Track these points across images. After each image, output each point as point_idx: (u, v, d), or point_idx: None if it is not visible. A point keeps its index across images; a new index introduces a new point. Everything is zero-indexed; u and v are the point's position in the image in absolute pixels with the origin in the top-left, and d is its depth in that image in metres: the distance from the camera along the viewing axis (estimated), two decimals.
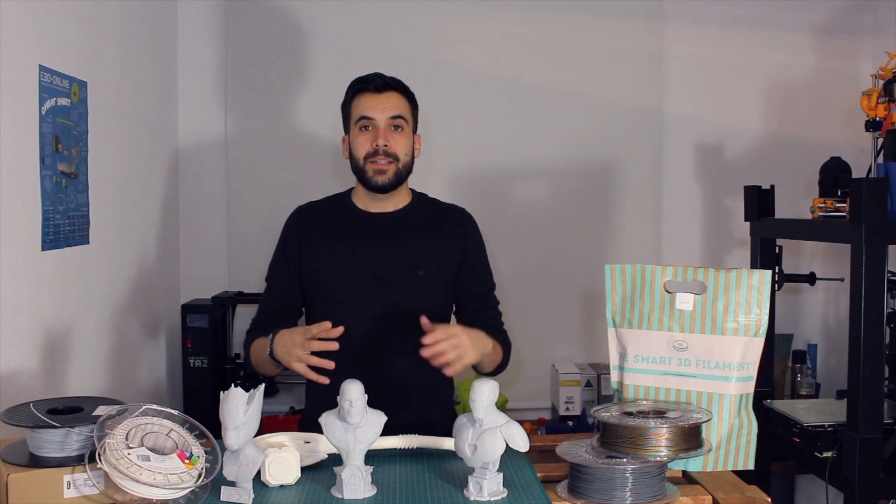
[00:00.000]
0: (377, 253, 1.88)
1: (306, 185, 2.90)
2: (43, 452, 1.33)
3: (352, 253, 1.88)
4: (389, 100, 1.87)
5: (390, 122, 1.86)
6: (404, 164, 1.89)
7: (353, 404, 1.34)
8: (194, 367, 2.73)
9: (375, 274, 1.86)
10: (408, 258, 1.88)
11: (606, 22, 3.10)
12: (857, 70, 3.16)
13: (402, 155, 1.87)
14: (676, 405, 1.48)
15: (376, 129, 1.86)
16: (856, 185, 1.98)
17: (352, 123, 1.90)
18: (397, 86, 1.90)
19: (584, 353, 3.15)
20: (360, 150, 1.87)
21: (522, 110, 3.08)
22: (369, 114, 1.86)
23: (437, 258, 1.90)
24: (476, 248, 1.97)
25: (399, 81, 1.92)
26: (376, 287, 1.85)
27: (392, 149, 1.86)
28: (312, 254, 1.90)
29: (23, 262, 1.78)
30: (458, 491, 1.37)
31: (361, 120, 1.87)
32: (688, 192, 3.20)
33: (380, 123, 1.86)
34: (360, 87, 1.90)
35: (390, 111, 1.86)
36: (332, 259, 1.88)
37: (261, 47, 3.00)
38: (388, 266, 1.87)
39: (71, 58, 2.02)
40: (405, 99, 1.91)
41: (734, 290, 1.48)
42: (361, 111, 1.87)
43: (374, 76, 1.90)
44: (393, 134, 1.86)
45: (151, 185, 2.68)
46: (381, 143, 1.84)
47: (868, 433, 1.96)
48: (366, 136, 1.87)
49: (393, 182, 1.87)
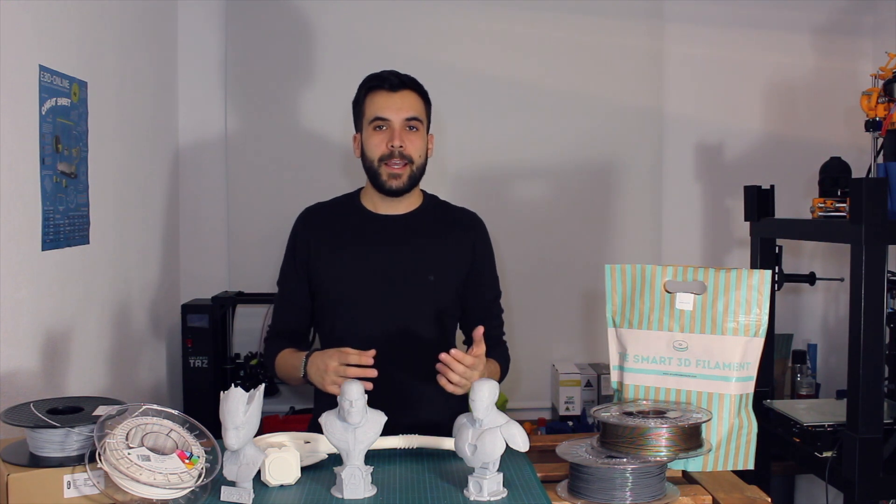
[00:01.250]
0: (386, 256, 1.84)
1: (306, 185, 2.91)
2: (43, 452, 1.32)
3: (360, 256, 1.85)
4: (405, 99, 1.82)
5: (406, 123, 1.81)
6: (418, 166, 1.84)
7: (353, 404, 1.34)
8: (194, 367, 2.73)
9: (384, 277, 1.83)
10: (417, 262, 1.85)
11: (606, 22, 3.10)
12: (857, 70, 3.16)
13: (416, 157, 1.83)
14: (676, 405, 1.48)
15: (391, 130, 1.80)
16: (856, 185, 1.98)
17: (365, 123, 1.84)
18: (412, 84, 1.85)
19: (584, 353, 3.15)
20: (375, 152, 1.82)
21: (522, 110, 3.08)
22: (384, 114, 1.80)
23: (447, 263, 1.87)
24: (484, 254, 1.94)
25: (414, 80, 1.86)
26: (385, 291, 1.82)
27: (407, 150, 1.81)
28: (320, 256, 1.87)
29: (23, 262, 1.78)
30: (458, 491, 1.37)
31: (376, 120, 1.81)
32: (688, 192, 3.20)
33: (395, 124, 1.80)
34: (375, 84, 1.83)
35: (406, 112, 1.81)
36: (340, 262, 1.85)
37: (261, 47, 3.00)
38: (396, 270, 1.83)
39: (71, 58, 2.01)
40: (420, 98, 1.85)
41: (734, 290, 1.48)
42: (376, 111, 1.81)
43: (388, 74, 1.84)
44: (408, 135, 1.81)
45: (151, 185, 2.68)
46: (397, 145, 1.80)
47: (868, 433, 1.96)
48: (380, 137, 1.81)
49: (407, 186, 1.83)
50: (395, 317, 1.80)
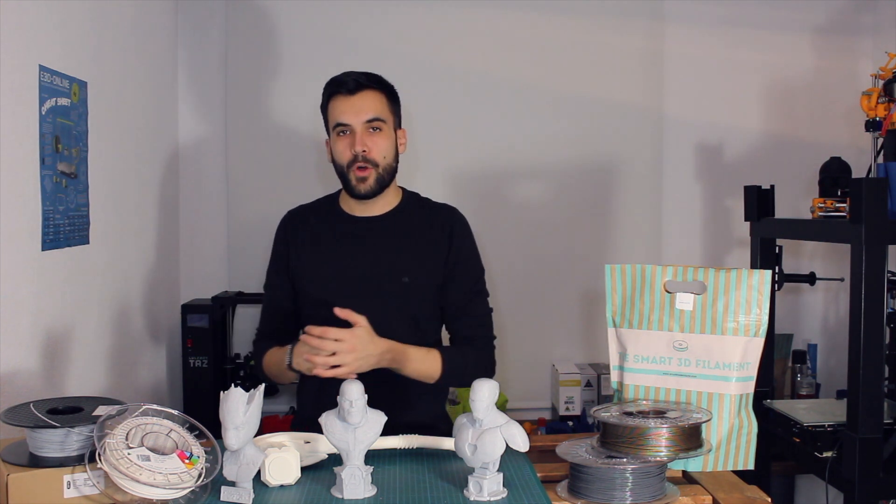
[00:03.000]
0: (361, 258, 1.84)
1: (306, 185, 2.91)
2: (43, 452, 1.32)
3: (336, 257, 1.85)
4: (364, 101, 1.80)
5: (367, 126, 1.80)
6: (385, 168, 1.82)
7: (353, 404, 1.34)
8: (194, 367, 2.73)
9: (359, 279, 1.83)
10: (392, 264, 1.84)
11: (606, 22, 3.10)
12: (857, 70, 3.16)
13: (380, 159, 1.81)
14: (676, 405, 1.48)
15: (353, 134, 1.80)
16: (856, 185, 1.98)
17: (330, 128, 1.85)
18: (373, 83, 1.82)
19: (584, 353, 3.15)
20: (341, 157, 1.82)
21: (522, 110, 3.08)
22: (344, 119, 1.80)
23: (423, 264, 1.85)
24: (461, 248, 1.88)
25: (374, 77, 1.83)
26: (360, 293, 1.81)
27: (371, 154, 1.80)
28: (299, 257, 1.89)
29: (23, 262, 1.78)
30: (458, 491, 1.37)
31: (338, 126, 1.81)
32: (688, 192, 3.20)
33: (356, 128, 1.79)
34: (334, 90, 1.82)
35: (365, 114, 1.79)
36: (317, 263, 1.86)
37: (261, 47, 3.00)
38: (371, 271, 1.83)
39: (71, 58, 2.01)
40: (382, 95, 1.83)
41: (734, 290, 1.48)
42: (336, 116, 1.81)
43: (345, 77, 1.82)
44: (371, 137, 1.80)
45: (151, 185, 2.68)
46: (360, 150, 1.79)
47: (868, 433, 1.96)
48: (344, 143, 1.81)
49: (375, 189, 1.82)
50: (371, 319, 1.72)
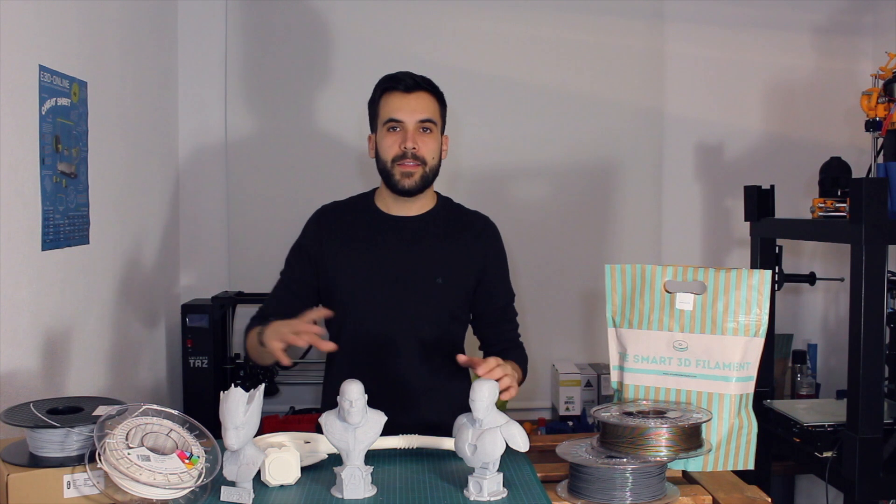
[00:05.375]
0: (396, 257, 1.84)
1: (306, 185, 2.91)
2: (43, 452, 1.32)
3: (370, 256, 1.85)
4: (419, 101, 1.81)
5: (419, 125, 1.81)
6: (431, 168, 1.84)
7: (353, 404, 1.34)
8: (194, 367, 2.73)
9: (393, 278, 1.83)
10: (427, 264, 1.85)
11: (607, 22, 3.11)
12: (857, 70, 3.16)
13: (429, 158, 1.83)
14: (676, 405, 1.48)
15: (405, 132, 1.80)
16: (856, 185, 1.98)
17: (379, 123, 1.84)
18: (427, 86, 1.84)
19: (584, 353, 3.15)
20: (388, 153, 1.82)
21: (522, 110, 3.09)
22: (398, 115, 1.80)
23: (457, 266, 1.87)
24: (496, 259, 1.93)
25: (429, 81, 1.86)
26: (392, 291, 1.82)
27: (420, 152, 1.81)
28: (332, 254, 1.87)
29: (23, 262, 1.78)
30: (458, 491, 1.37)
31: (390, 122, 1.81)
32: (688, 192, 3.20)
33: (408, 126, 1.80)
34: (389, 86, 1.83)
35: (420, 114, 1.81)
36: (351, 261, 1.85)
37: (261, 47, 3.01)
38: (406, 271, 1.83)
39: (71, 58, 2.01)
40: (435, 100, 1.85)
41: (734, 290, 1.48)
42: (390, 112, 1.81)
43: (403, 75, 1.84)
44: (422, 136, 1.81)
45: (151, 185, 2.68)
46: (410, 146, 1.80)
47: (868, 433, 1.96)
48: (393, 138, 1.81)
49: (419, 186, 1.83)
50: (401, 317, 1.80)
